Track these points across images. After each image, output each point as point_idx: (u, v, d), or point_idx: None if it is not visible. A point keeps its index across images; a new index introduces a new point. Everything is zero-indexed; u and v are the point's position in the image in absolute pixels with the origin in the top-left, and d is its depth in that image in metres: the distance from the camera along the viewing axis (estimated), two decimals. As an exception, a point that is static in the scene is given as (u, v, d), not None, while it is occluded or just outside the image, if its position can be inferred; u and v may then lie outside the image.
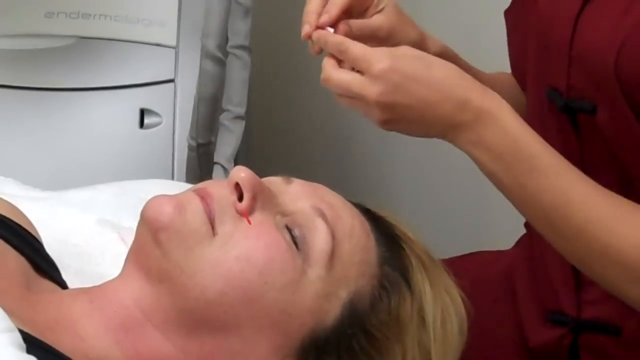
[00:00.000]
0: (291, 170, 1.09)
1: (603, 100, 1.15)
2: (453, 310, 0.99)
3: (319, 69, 1.16)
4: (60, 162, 1.92)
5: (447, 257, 1.33)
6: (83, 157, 1.92)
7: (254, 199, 0.92)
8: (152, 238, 0.90)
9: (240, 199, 0.93)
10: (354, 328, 0.92)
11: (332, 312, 0.92)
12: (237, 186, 0.93)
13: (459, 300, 1.00)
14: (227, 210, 0.92)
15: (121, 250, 1.11)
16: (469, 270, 1.42)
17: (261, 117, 2.39)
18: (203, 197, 0.92)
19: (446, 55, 1.25)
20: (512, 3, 1.38)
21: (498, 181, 1.12)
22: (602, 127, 1.16)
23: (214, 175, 1.86)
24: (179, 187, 1.40)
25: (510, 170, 1.10)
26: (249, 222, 0.91)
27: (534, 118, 1.26)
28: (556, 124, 1.22)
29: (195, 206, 0.91)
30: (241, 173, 0.93)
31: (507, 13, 1.40)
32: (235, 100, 1.94)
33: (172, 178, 1.90)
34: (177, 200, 0.91)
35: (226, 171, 1.86)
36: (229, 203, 0.92)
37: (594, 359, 1.30)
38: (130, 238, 0.96)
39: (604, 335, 1.27)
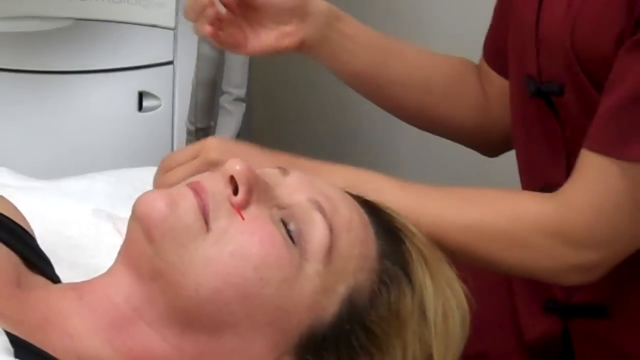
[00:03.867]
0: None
1: (568, 81, 1.17)
2: (455, 304, 0.97)
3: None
4: (58, 145, 1.91)
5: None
6: (81, 140, 1.91)
7: (249, 192, 0.90)
8: (144, 235, 0.88)
9: (236, 192, 0.90)
10: (353, 324, 0.90)
11: (331, 308, 0.90)
12: (232, 179, 0.91)
13: (461, 293, 0.98)
14: (221, 205, 0.89)
15: (117, 241, 1.09)
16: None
17: (262, 99, 2.37)
18: (197, 191, 0.89)
19: (335, 12, 1.29)
20: None
21: None
22: (570, 108, 1.18)
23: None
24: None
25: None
26: (243, 218, 0.89)
27: (516, 107, 1.30)
28: (536, 111, 1.24)
29: (189, 201, 0.88)
30: (236, 166, 0.91)
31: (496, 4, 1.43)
32: (235, 82, 1.92)
33: (172, 162, 1.89)
34: (169, 196, 0.89)
35: (226, 155, 1.83)
36: (223, 197, 0.90)
37: (586, 344, 1.30)
38: (125, 229, 0.93)
39: (594, 319, 1.28)
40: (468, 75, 1.41)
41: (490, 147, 1.43)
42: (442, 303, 0.95)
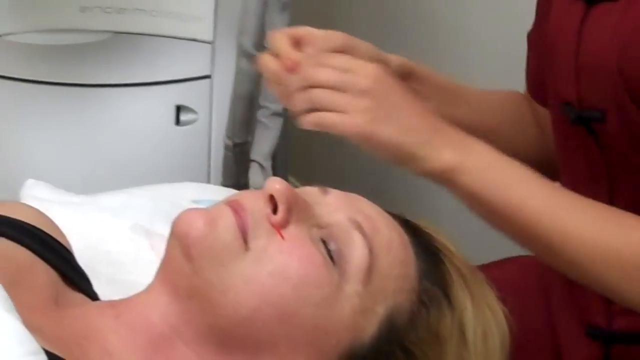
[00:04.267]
0: (330, 168, 1.08)
1: (612, 107, 1.15)
2: (494, 325, 0.96)
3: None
4: (95, 158, 1.91)
5: (485, 261, 1.32)
6: (118, 153, 1.91)
7: (288, 211, 0.90)
8: (182, 253, 0.87)
9: (275, 211, 0.90)
10: (392, 345, 0.90)
11: (370, 328, 0.89)
12: (272, 198, 0.90)
13: (501, 314, 0.97)
14: (261, 224, 0.89)
15: (154, 258, 1.08)
16: (505, 276, 1.40)
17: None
18: (236, 210, 0.89)
19: (407, 67, 1.28)
20: (533, 24, 1.39)
21: (479, 200, 1.11)
22: (613, 134, 1.16)
23: (250, 173, 1.83)
24: (212, 190, 1.39)
25: (494, 184, 1.11)
26: (282, 237, 0.88)
27: (557, 134, 1.28)
28: (576, 137, 1.22)
29: (227, 220, 0.88)
30: (276, 185, 0.90)
31: (529, 34, 1.41)
32: (273, 97, 1.92)
33: (209, 176, 1.89)
34: (208, 215, 0.88)
35: (263, 169, 1.83)
36: (262, 216, 0.89)
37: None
38: (161, 246, 0.93)
39: (635, 347, 1.26)
40: (524, 111, 1.40)
41: (547, 177, 1.41)
42: (481, 324, 0.94)
